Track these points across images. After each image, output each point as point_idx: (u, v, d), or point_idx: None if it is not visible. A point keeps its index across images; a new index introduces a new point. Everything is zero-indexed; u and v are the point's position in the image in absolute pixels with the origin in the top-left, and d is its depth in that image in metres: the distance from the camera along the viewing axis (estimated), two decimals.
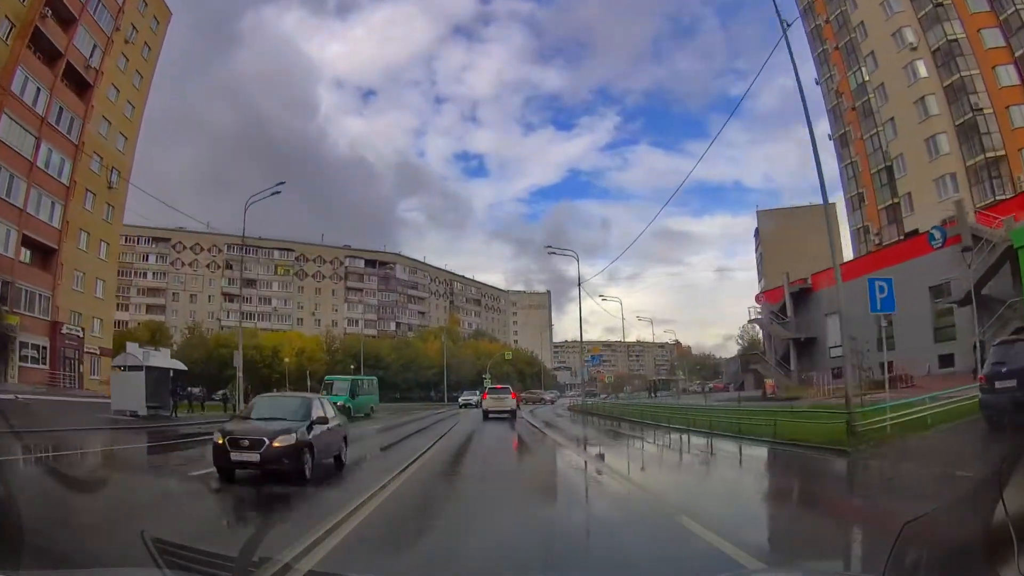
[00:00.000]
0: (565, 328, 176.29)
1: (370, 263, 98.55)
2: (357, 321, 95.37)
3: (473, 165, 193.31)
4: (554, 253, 42.98)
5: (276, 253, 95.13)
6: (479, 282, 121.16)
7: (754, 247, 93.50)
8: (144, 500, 8.51)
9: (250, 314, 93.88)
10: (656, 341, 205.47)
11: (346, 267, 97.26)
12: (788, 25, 15.14)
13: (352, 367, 65.42)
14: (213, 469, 9.71)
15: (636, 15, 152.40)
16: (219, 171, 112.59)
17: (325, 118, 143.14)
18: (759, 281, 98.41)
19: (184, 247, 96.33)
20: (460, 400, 51.80)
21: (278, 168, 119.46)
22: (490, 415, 30.77)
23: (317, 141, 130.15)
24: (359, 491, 8.41)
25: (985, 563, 1.91)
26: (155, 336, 76.99)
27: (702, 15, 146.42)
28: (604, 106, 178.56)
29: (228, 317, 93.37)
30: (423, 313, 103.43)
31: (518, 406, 34.25)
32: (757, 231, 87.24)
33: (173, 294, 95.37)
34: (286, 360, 62.87)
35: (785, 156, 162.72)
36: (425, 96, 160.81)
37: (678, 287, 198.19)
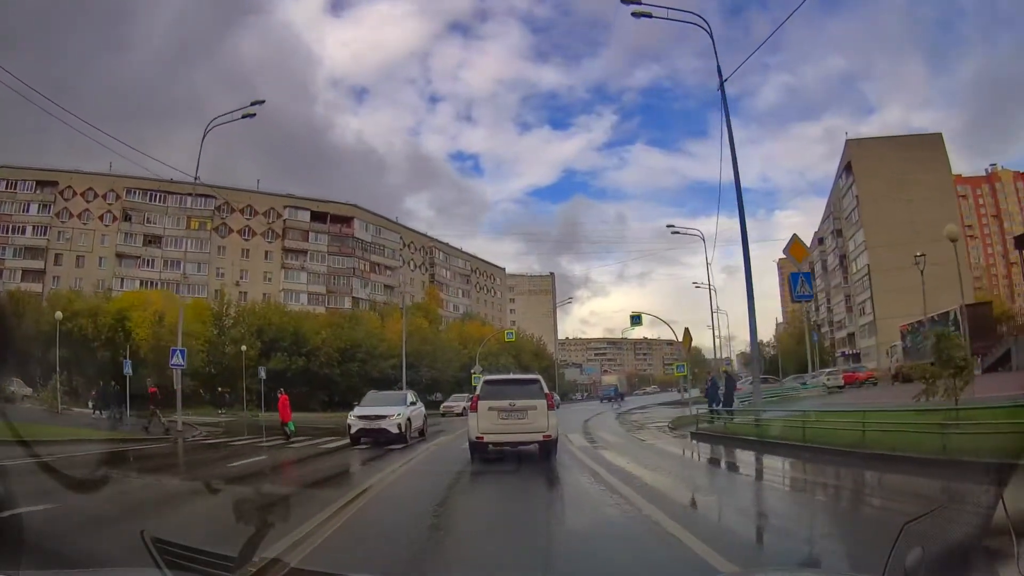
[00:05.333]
0: (563, 330, 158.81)
1: (319, 216, 73.42)
2: (298, 294, 70.34)
3: (468, 165, 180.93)
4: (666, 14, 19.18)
5: (189, 200, 70.06)
6: (468, 254, 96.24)
7: (835, 190, 69.28)
8: None
9: (151, 282, 69.55)
10: (663, 339, 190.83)
11: (285, 221, 72.19)
12: None
13: (244, 347, 40.44)
14: None
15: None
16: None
17: (317, 113, 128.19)
18: (816, 243, 74.73)
19: (74, 193, 71.95)
20: (351, 419, 17.77)
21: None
22: (490, 446, 12.66)
23: (307, 132, 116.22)
24: None
25: (985, 563, 1.90)
26: (20, 309, 54.23)
27: (702, 11, 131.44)
28: (601, 104, 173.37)
29: (122, 285, 68.87)
30: (391, 287, 78.31)
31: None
32: (848, 166, 63.03)
33: (56, 255, 70.79)
34: (135, 334, 38.22)
35: (782, 155, 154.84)
36: (420, 94, 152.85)
37: (679, 288, 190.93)
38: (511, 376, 17.57)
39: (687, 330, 26.78)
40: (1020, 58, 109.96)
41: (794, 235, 18.37)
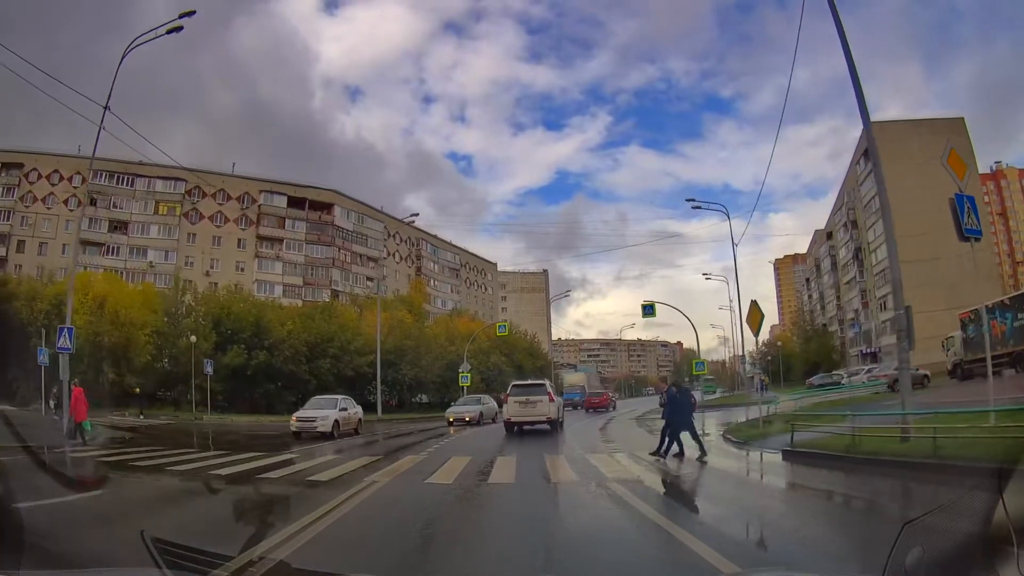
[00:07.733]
0: (557, 332, 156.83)
1: (296, 203, 68.83)
2: (273, 285, 65.76)
3: (462, 166, 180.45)
4: None
5: (159, 183, 65.67)
6: (458, 247, 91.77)
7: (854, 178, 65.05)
8: None
9: (115, 270, 65.08)
10: (658, 340, 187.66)
11: (260, 206, 67.61)
12: None
13: (193, 338, 35.93)
14: None
15: (630, 12, 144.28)
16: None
17: (313, 111, 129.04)
18: (824, 237, 69.41)
19: (39, 176, 67.48)
20: None
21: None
22: (517, 427, 20.94)
23: (305, 129, 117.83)
24: None
25: (985, 563, 1.88)
26: None
27: (697, 12, 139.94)
28: (595, 106, 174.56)
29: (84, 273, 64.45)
30: (372, 281, 73.80)
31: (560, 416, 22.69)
32: (867, 152, 58.84)
33: (19, 242, 66.35)
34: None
35: (777, 158, 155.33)
36: (414, 94, 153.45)
37: (676, 291, 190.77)
38: (527, 382, 24.09)
39: (754, 303, 20.24)
40: (1017, 58, 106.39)
41: (949, 145, 12.86)
